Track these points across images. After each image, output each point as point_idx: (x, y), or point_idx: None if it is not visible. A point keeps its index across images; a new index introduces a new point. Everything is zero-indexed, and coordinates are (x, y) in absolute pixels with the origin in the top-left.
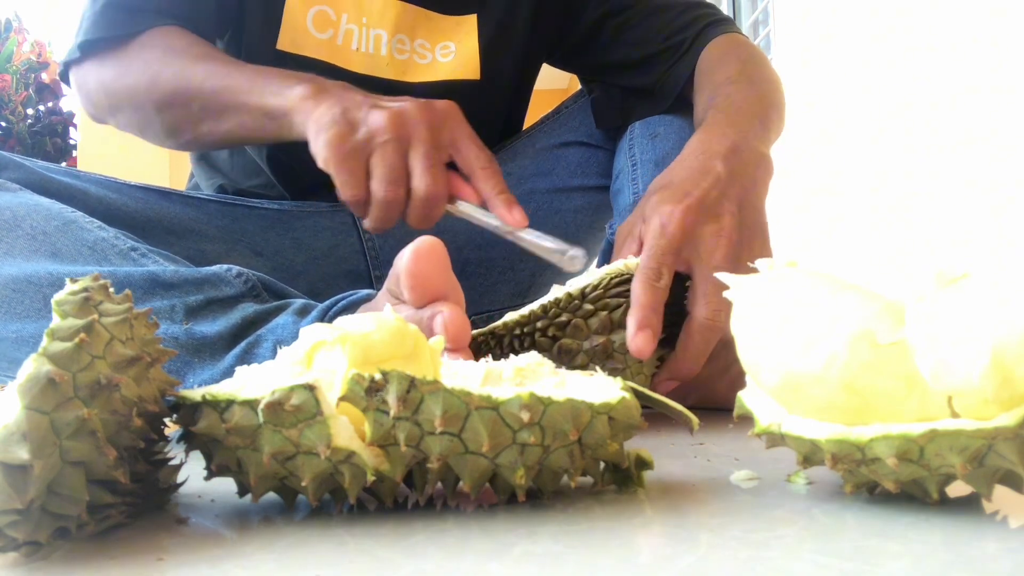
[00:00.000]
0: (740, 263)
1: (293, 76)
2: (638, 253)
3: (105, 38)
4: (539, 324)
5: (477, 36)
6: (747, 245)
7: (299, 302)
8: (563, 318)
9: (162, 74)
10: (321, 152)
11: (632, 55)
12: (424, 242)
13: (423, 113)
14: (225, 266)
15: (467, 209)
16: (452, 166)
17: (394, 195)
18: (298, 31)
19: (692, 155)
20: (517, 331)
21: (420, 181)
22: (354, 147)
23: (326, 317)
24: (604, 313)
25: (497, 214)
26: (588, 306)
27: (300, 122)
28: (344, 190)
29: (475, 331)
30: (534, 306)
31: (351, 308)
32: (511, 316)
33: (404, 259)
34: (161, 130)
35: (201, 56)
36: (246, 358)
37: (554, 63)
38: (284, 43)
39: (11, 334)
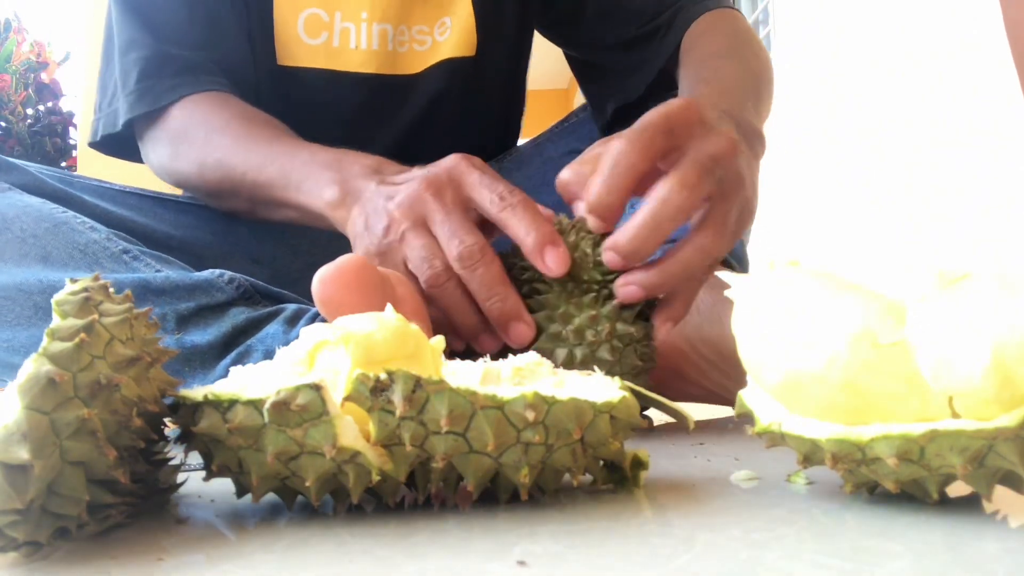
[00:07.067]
0: (731, 234)
1: (320, 171)
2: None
3: (147, 112)
4: None
5: (472, 6)
6: (739, 220)
7: (291, 308)
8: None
9: (207, 163)
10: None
11: (609, 37)
12: (332, 265)
13: (426, 185)
14: (217, 271)
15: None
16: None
17: (432, 271)
18: (292, 41)
19: None
20: None
21: (447, 245)
22: (387, 256)
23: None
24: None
25: (532, 262)
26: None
27: (340, 227)
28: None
29: None
30: None
31: None
32: None
33: (313, 287)
34: (224, 210)
35: (241, 138)
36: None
37: (547, 33)
38: (283, 57)
39: (3, 342)
